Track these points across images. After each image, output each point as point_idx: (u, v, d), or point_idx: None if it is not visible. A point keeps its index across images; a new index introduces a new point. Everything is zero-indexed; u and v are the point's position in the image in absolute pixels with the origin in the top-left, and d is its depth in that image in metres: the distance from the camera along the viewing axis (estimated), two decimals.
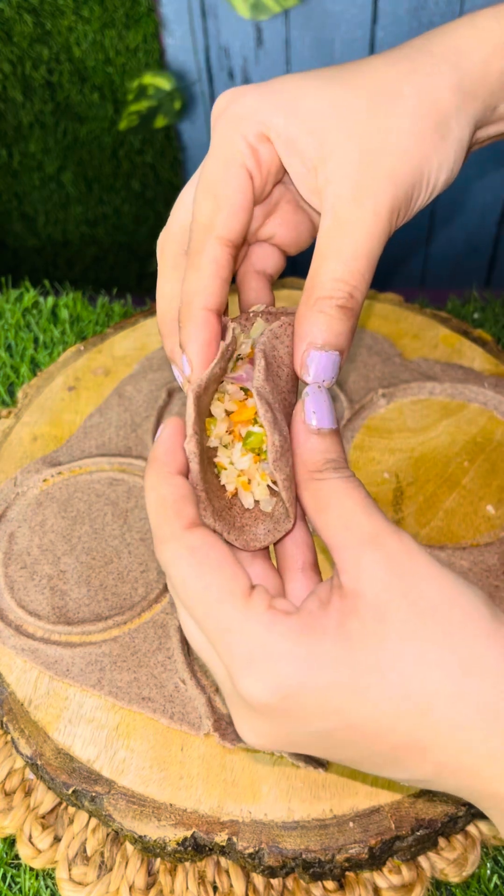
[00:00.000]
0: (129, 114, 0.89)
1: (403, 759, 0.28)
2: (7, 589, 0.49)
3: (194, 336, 0.34)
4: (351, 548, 0.29)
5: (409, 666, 0.27)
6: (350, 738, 0.28)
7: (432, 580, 0.28)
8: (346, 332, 0.33)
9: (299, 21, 0.84)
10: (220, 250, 0.34)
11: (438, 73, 0.34)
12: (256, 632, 0.27)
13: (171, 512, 0.30)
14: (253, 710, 0.28)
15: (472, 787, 0.28)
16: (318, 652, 0.27)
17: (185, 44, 0.88)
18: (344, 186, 0.33)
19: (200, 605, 0.28)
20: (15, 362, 0.69)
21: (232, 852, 0.40)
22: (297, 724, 0.28)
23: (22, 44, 0.88)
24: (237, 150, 0.35)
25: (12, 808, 0.45)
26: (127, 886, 0.42)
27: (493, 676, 0.27)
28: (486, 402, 0.57)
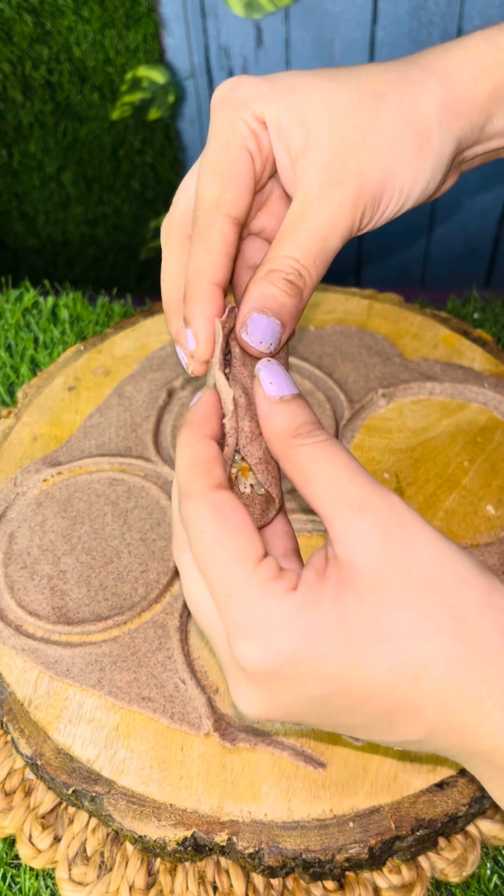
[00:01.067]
0: (122, 104, 0.89)
1: (396, 722, 0.29)
2: (7, 589, 0.49)
3: (201, 311, 0.34)
4: (342, 517, 0.29)
5: (404, 635, 0.27)
6: (345, 703, 0.28)
7: (426, 546, 0.28)
8: (289, 306, 0.34)
9: (299, 21, 0.84)
10: (228, 227, 0.35)
11: (425, 87, 0.35)
12: (257, 598, 0.28)
13: (203, 470, 0.30)
14: (249, 676, 0.28)
15: (461, 745, 0.29)
16: (316, 623, 0.27)
17: (185, 44, 0.88)
18: (315, 176, 0.34)
19: (213, 562, 0.29)
20: (15, 362, 0.69)
21: (232, 852, 0.40)
22: (292, 691, 0.28)
23: (22, 44, 0.88)
24: (239, 132, 0.35)
25: (12, 808, 0.45)
26: (127, 886, 0.42)
27: (485, 643, 0.28)
28: (486, 402, 0.57)
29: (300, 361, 0.60)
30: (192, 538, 0.30)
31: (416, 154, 0.35)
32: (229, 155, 0.35)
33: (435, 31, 0.84)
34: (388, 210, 0.36)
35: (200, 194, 0.35)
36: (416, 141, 0.35)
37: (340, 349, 0.61)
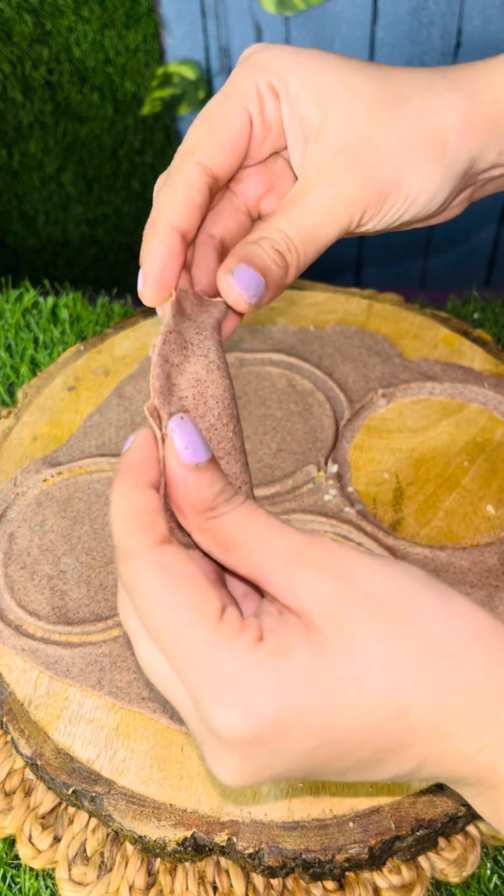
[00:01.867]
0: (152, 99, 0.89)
1: (387, 759, 0.27)
2: (7, 589, 0.49)
3: (154, 250, 0.33)
4: (279, 571, 0.27)
5: (379, 669, 0.26)
6: (333, 753, 0.27)
7: (370, 574, 0.27)
8: (274, 272, 0.33)
9: (299, 21, 0.84)
10: (197, 174, 0.34)
11: (449, 97, 0.35)
12: (228, 660, 0.26)
13: (143, 525, 0.27)
14: (228, 745, 0.26)
15: (452, 769, 0.28)
16: (293, 672, 0.26)
17: (185, 44, 0.88)
18: (323, 160, 0.34)
19: (168, 628, 0.26)
20: (15, 362, 0.69)
21: (232, 852, 0.40)
22: (278, 752, 0.26)
23: (22, 44, 0.88)
24: (244, 91, 0.35)
25: (12, 808, 0.45)
26: (127, 886, 0.42)
27: (460, 654, 0.27)
28: (486, 402, 0.57)
29: (300, 361, 0.60)
30: (139, 603, 0.27)
31: (429, 161, 0.34)
32: (225, 108, 0.35)
33: (435, 31, 0.84)
34: (391, 212, 0.35)
35: (185, 138, 0.35)
36: (432, 148, 0.34)
37: (340, 349, 0.61)
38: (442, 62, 0.86)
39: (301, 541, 0.28)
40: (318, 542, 0.28)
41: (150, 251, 0.34)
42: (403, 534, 0.50)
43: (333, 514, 0.51)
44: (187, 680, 0.26)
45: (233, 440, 0.33)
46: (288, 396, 0.58)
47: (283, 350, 0.61)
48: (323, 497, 0.52)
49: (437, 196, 0.36)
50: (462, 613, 0.28)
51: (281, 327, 0.63)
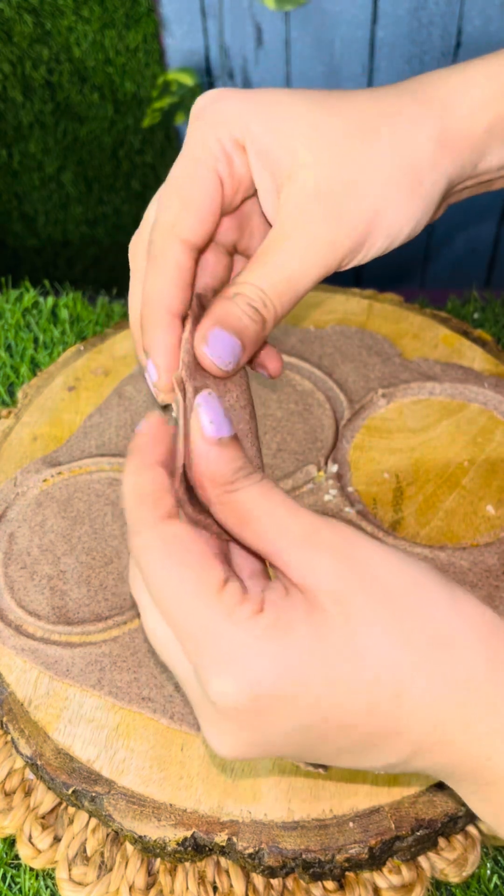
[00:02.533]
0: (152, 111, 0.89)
1: (380, 745, 0.28)
2: (7, 589, 0.49)
3: (160, 341, 0.33)
4: (290, 549, 0.28)
5: (378, 652, 0.27)
6: (326, 731, 0.27)
7: (380, 562, 0.28)
8: (251, 330, 0.33)
9: (299, 21, 0.84)
10: (183, 254, 0.34)
11: (420, 122, 0.34)
12: (225, 629, 0.26)
13: (150, 501, 0.29)
14: (223, 714, 0.27)
15: (446, 760, 0.28)
16: (291, 645, 0.26)
17: (185, 44, 0.88)
18: (296, 208, 0.33)
19: (171, 598, 0.27)
20: (15, 362, 0.69)
21: (232, 852, 0.40)
22: (271, 725, 0.27)
23: (22, 44, 0.88)
24: (210, 153, 0.34)
25: (12, 808, 0.45)
26: (127, 886, 0.42)
27: (459, 646, 0.27)
28: (486, 402, 0.57)
29: (300, 361, 0.60)
30: (146, 575, 0.28)
31: (407, 195, 0.34)
32: (195, 175, 0.34)
33: (435, 31, 0.84)
34: (373, 250, 0.35)
35: (158, 215, 0.34)
36: (408, 181, 0.34)
37: (340, 349, 0.61)
38: (442, 62, 0.86)
39: (315, 521, 0.28)
40: (333, 525, 0.28)
41: (157, 344, 0.33)
42: (403, 534, 0.50)
43: (333, 514, 0.51)
44: (188, 648, 0.27)
45: (249, 423, 0.35)
46: (288, 396, 0.58)
47: (283, 350, 0.61)
48: (323, 497, 0.52)
49: (420, 223, 0.35)
50: (466, 608, 0.28)
51: (281, 327, 0.63)
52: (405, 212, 0.34)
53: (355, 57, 0.86)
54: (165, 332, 0.33)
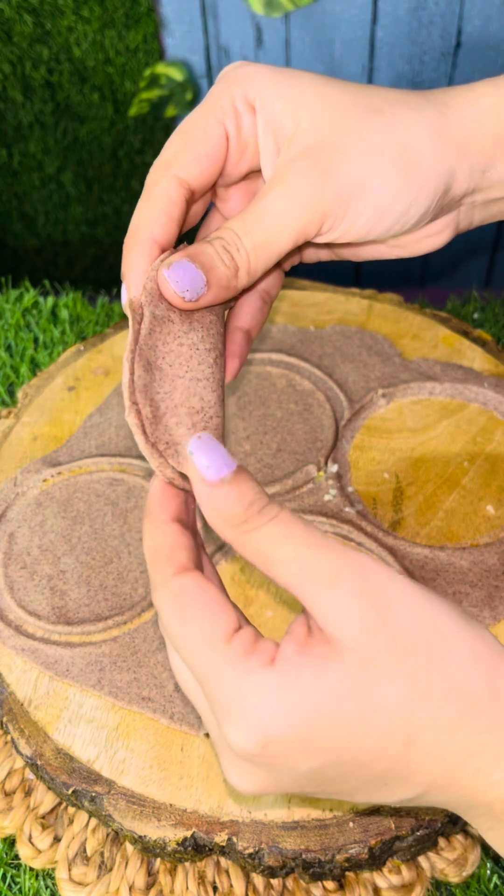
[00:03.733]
0: (139, 101, 0.89)
1: (392, 784, 0.28)
2: (7, 589, 0.49)
3: (136, 263, 0.34)
4: (315, 594, 0.28)
5: (394, 707, 0.27)
6: (339, 772, 0.28)
7: (406, 608, 0.28)
8: (220, 271, 0.33)
9: (299, 21, 0.84)
10: (174, 188, 0.34)
11: (423, 112, 0.34)
12: (234, 680, 0.27)
13: (163, 559, 0.30)
14: (238, 756, 0.28)
15: (460, 799, 0.28)
16: (298, 702, 0.27)
17: (185, 44, 0.88)
18: (285, 163, 0.34)
19: (185, 649, 0.29)
20: (15, 362, 0.69)
21: (232, 852, 0.40)
22: (284, 768, 0.28)
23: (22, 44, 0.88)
24: (221, 106, 0.34)
25: (12, 808, 0.45)
26: (127, 886, 0.42)
27: (472, 698, 0.27)
28: (486, 402, 0.57)
29: (300, 361, 0.60)
30: (164, 628, 0.30)
31: (399, 172, 0.34)
32: (202, 121, 0.34)
33: (435, 31, 0.84)
34: (359, 221, 0.34)
35: (161, 152, 0.35)
36: (403, 159, 0.34)
37: (340, 349, 0.61)
38: (442, 62, 0.86)
39: (341, 561, 0.28)
40: (357, 564, 0.28)
41: (133, 265, 0.34)
42: (403, 534, 0.50)
43: (333, 514, 0.51)
44: (208, 696, 0.28)
45: (212, 367, 0.34)
46: (288, 396, 0.58)
47: (283, 350, 0.61)
48: (323, 497, 0.52)
49: (413, 209, 0.34)
50: (483, 658, 0.28)
51: (281, 327, 0.63)
52: (395, 188, 0.34)
53: (355, 57, 0.86)
54: (143, 256, 0.34)
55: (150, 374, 0.33)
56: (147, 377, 0.32)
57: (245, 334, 0.38)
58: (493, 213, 0.39)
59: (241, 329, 0.38)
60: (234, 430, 0.56)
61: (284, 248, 0.34)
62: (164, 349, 0.33)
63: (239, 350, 0.38)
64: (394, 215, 0.34)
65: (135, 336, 0.33)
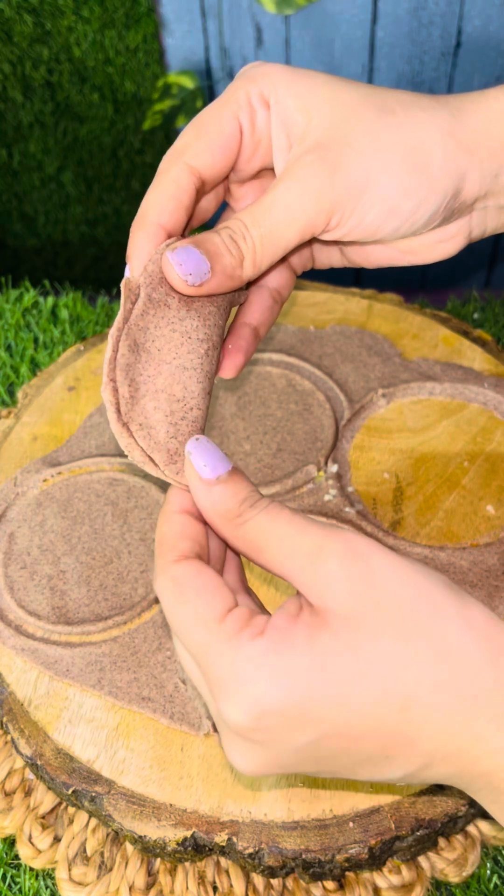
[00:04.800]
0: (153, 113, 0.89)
1: (394, 756, 0.28)
2: (7, 589, 0.49)
3: (141, 245, 0.34)
4: (302, 571, 0.29)
5: (385, 667, 0.27)
6: (338, 745, 0.28)
7: (391, 574, 0.28)
8: (226, 260, 0.33)
9: (299, 21, 0.84)
10: (184, 175, 0.34)
11: (434, 113, 0.34)
12: (225, 654, 0.28)
13: (167, 547, 0.31)
14: (237, 734, 0.28)
15: (461, 770, 0.28)
16: (290, 666, 0.27)
17: (185, 44, 0.88)
18: (295, 158, 0.34)
19: (182, 630, 0.29)
20: (15, 362, 0.69)
21: (232, 852, 0.40)
22: (281, 742, 0.28)
23: (22, 44, 0.88)
24: (236, 101, 0.35)
25: (12, 808, 0.45)
26: (127, 886, 0.42)
27: (467, 660, 0.27)
28: (486, 402, 0.57)
29: (300, 361, 0.60)
30: (166, 613, 0.30)
31: (409, 170, 0.34)
32: (216, 113, 0.35)
33: (435, 31, 0.84)
34: (367, 219, 0.34)
35: (175, 141, 0.35)
36: (413, 158, 0.34)
37: (340, 349, 0.61)
38: (442, 62, 0.86)
39: (322, 537, 0.29)
40: (340, 537, 0.29)
41: (138, 246, 0.34)
42: (403, 534, 0.50)
43: (333, 514, 0.51)
44: (205, 676, 0.29)
45: (202, 359, 0.34)
46: (288, 396, 0.58)
47: (283, 350, 0.61)
48: (323, 497, 0.52)
49: (423, 207, 0.34)
50: (477, 622, 0.28)
51: (281, 327, 0.63)
52: (404, 186, 0.34)
53: (355, 57, 0.86)
54: (148, 239, 0.34)
55: (136, 354, 0.33)
56: (131, 357, 0.33)
57: (253, 331, 0.38)
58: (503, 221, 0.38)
59: (248, 325, 0.38)
60: (234, 430, 0.56)
61: (292, 240, 0.34)
62: (155, 332, 0.33)
63: (245, 345, 0.38)
64: (402, 214, 0.34)
65: (125, 315, 0.33)
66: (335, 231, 0.34)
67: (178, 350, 0.33)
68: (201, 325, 0.34)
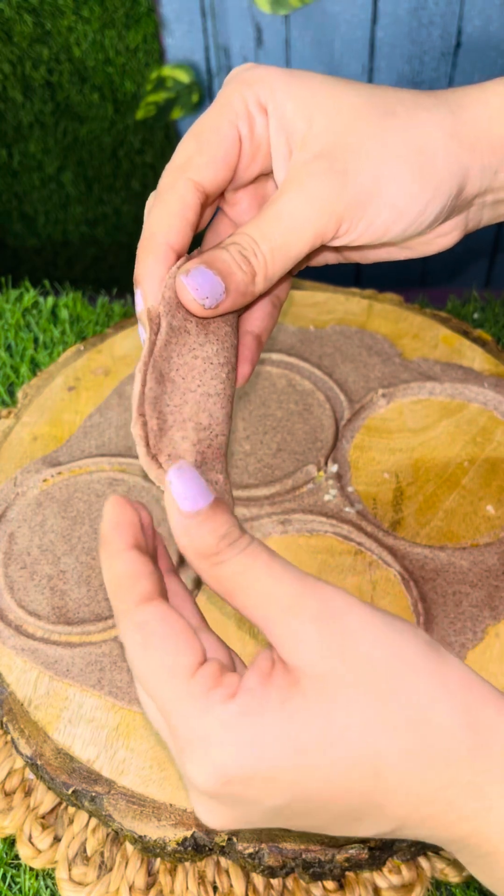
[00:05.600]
0: (146, 104, 0.89)
1: (363, 818, 0.27)
2: (7, 589, 0.49)
3: (151, 269, 0.33)
4: (276, 622, 0.27)
5: (356, 734, 0.26)
6: (306, 808, 0.27)
7: (367, 635, 0.27)
8: (238, 278, 0.32)
9: (299, 21, 0.84)
10: (189, 192, 0.33)
11: (436, 112, 0.34)
12: (195, 715, 0.26)
13: (124, 589, 0.29)
14: (203, 793, 0.27)
15: (436, 834, 0.28)
16: (260, 733, 0.26)
17: (185, 44, 0.88)
18: (300, 167, 0.33)
19: (148, 682, 0.28)
20: (15, 362, 0.69)
21: (232, 852, 0.40)
22: (249, 804, 0.27)
23: (22, 44, 0.88)
24: (234, 108, 0.34)
25: (12, 808, 0.45)
26: (127, 886, 0.42)
27: (440, 727, 0.27)
28: (486, 402, 0.57)
29: (300, 361, 0.60)
30: (129, 661, 0.29)
31: (415, 174, 0.33)
32: (215, 124, 0.34)
33: (435, 31, 0.84)
34: (376, 223, 0.34)
35: (174, 155, 0.34)
36: (418, 160, 0.34)
37: (340, 349, 0.61)
38: (442, 62, 0.86)
39: (301, 589, 0.28)
40: (317, 591, 0.28)
41: (148, 271, 0.33)
42: (403, 534, 0.50)
43: (333, 514, 0.51)
44: (169, 727, 0.28)
45: (224, 383, 0.34)
46: (288, 396, 0.58)
47: (283, 350, 0.61)
48: (323, 497, 0.52)
49: (429, 208, 0.34)
50: (453, 685, 0.27)
51: (281, 327, 0.63)
52: (411, 189, 0.34)
53: (355, 57, 0.87)
54: (157, 262, 0.33)
55: (162, 385, 0.32)
56: (158, 389, 0.32)
57: (256, 339, 0.38)
58: (501, 213, 0.38)
59: (251, 333, 0.38)
60: (234, 429, 0.56)
61: (302, 251, 0.33)
62: (178, 361, 0.33)
63: (251, 355, 0.38)
64: (410, 217, 0.34)
65: (150, 347, 0.32)
66: (344, 237, 0.34)
67: (202, 377, 0.33)
68: (220, 349, 0.34)
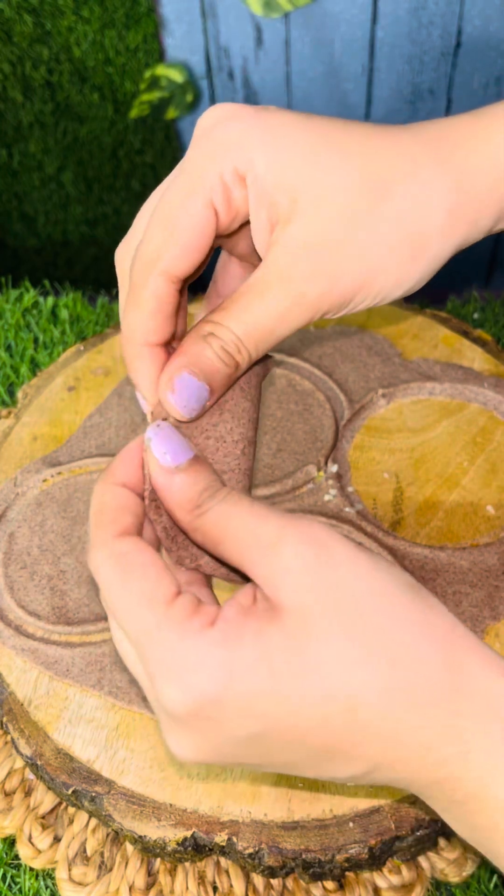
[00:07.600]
0: (140, 103, 0.89)
1: (337, 758, 0.27)
2: (7, 589, 0.49)
3: (143, 373, 0.33)
4: (259, 563, 0.28)
5: (333, 667, 0.26)
6: (281, 739, 0.27)
7: (352, 569, 0.27)
8: (222, 374, 0.32)
9: (299, 21, 0.84)
10: (163, 286, 0.32)
11: (437, 187, 0.32)
12: (172, 640, 0.27)
13: (108, 519, 0.29)
14: (175, 720, 0.27)
15: (411, 777, 0.27)
16: (237, 659, 0.26)
17: (185, 44, 0.88)
18: (286, 257, 0.31)
19: (123, 610, 0.28)
20: (15, 362, 0.69)
21: (232, 852, 0.40)
22: (221, 733, 0.27)
23: (22, 44, 0.88)
24: (207, 183, 0.31)
25: (12, 808, 0.45)
26: (127, 886, 0.42)
27: (423, 667, 0.27)
28: (486, 402, 0.57)
29: (300, 361, 0.60)
30: (102, 590, 0.29)
31: (407, 260, 0.33)
32: (188, 206, 0.32)
33: (435, 32, 0.84)
34: (360, 306, 0.34)
35: (143, 242, 0.32)
36: (412, 247, 0.32)
37: (340, 349, 0.61)
38: (442, 62, 0.86)
39: (281, 525, 0.28)
40: (297, 527, 0.28)
41: (140, 374, 0.33)
42: (403, 534, 0.50)
43: (333, 514, 0.51)
44: (143, 658, 0.28)
45: (239, 459, 0.33)
46: (288, 396, 0.58)
47: (283, 350, 0.61)
48: (323, 497, 0.52)
49: (417, 286, 0.34)
50: (437, 627, 0.27)
51: None
52: (401, 276, 0.33)
53: (355, 57, 0.86)
54: (145, 364, 0.33)
55: None
56: None
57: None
58: None
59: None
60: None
61: (284, 337, 0.33)
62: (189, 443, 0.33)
63: None
64: (395, 296, 0.34)
65: None
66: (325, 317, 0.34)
67: (213, 456, 0.33)
68: (236, 426, 0.34)
